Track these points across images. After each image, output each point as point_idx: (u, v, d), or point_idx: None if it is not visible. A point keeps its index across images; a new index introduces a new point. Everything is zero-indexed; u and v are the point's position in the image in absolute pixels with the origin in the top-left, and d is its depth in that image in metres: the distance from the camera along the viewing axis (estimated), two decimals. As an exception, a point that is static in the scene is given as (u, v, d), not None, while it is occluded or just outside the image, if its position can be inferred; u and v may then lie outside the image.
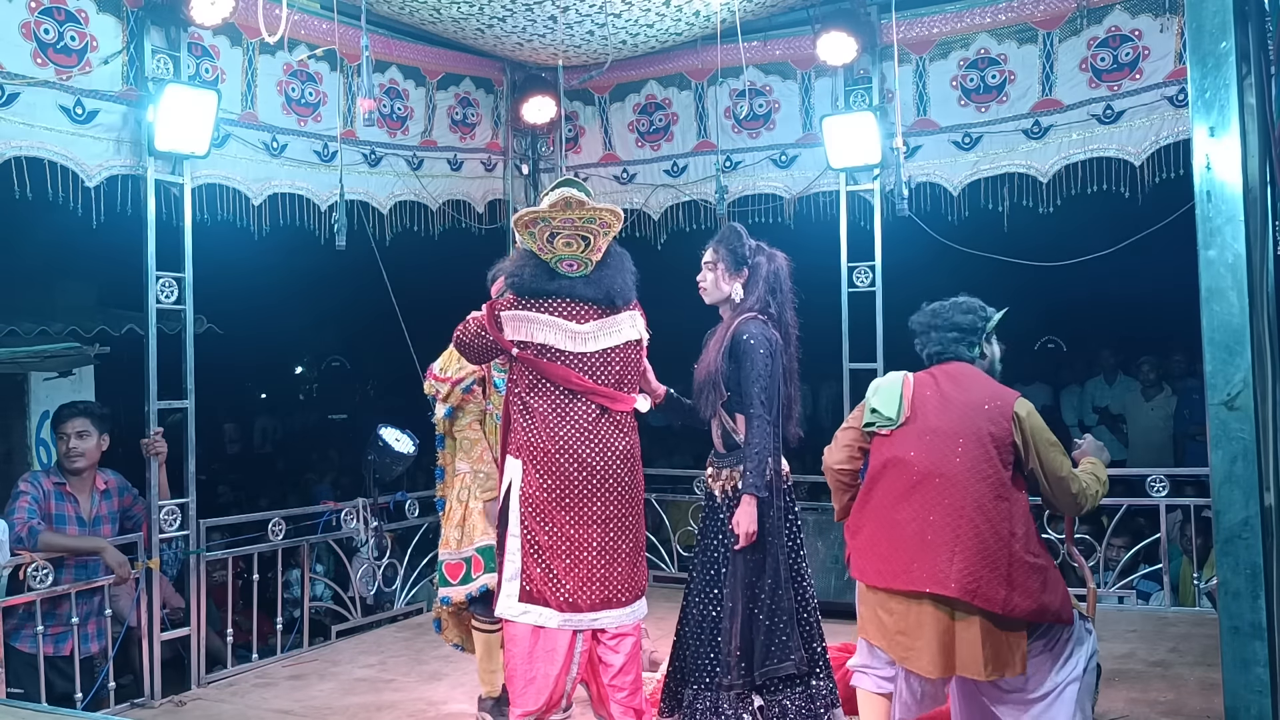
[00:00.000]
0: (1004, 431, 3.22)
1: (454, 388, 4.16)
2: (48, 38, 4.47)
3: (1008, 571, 3.13)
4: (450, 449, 4.32)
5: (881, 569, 3.29)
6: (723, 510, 3.62)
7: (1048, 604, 3.18)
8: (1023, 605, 3.14)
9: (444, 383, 4.18)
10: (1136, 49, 5.49)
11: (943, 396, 3.33)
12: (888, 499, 3.33)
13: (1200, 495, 5.77)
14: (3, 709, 2.44)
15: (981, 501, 3.18)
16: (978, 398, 3.29)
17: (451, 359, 4.19)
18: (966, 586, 3.13)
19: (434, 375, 4.22)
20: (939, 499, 3.22)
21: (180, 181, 4.96)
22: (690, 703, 3.61)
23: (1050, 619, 3.21)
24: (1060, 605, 3.21)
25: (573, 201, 3.45)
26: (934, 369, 3.45)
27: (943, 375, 3.41)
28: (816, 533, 5.83)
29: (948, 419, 3.28)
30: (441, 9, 5.55)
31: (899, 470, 3.32)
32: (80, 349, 6.58)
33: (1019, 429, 3.22)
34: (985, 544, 3.15)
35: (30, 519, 4.38)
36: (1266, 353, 1.95)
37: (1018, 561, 3.14)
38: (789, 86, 6.38)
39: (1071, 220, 6.07)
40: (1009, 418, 3.23)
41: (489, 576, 4.05)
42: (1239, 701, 1.81)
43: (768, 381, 3.53)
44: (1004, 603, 3.12)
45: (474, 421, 4.23)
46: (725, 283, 3.70)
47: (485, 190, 6.88)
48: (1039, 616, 3.18)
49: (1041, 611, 3.17)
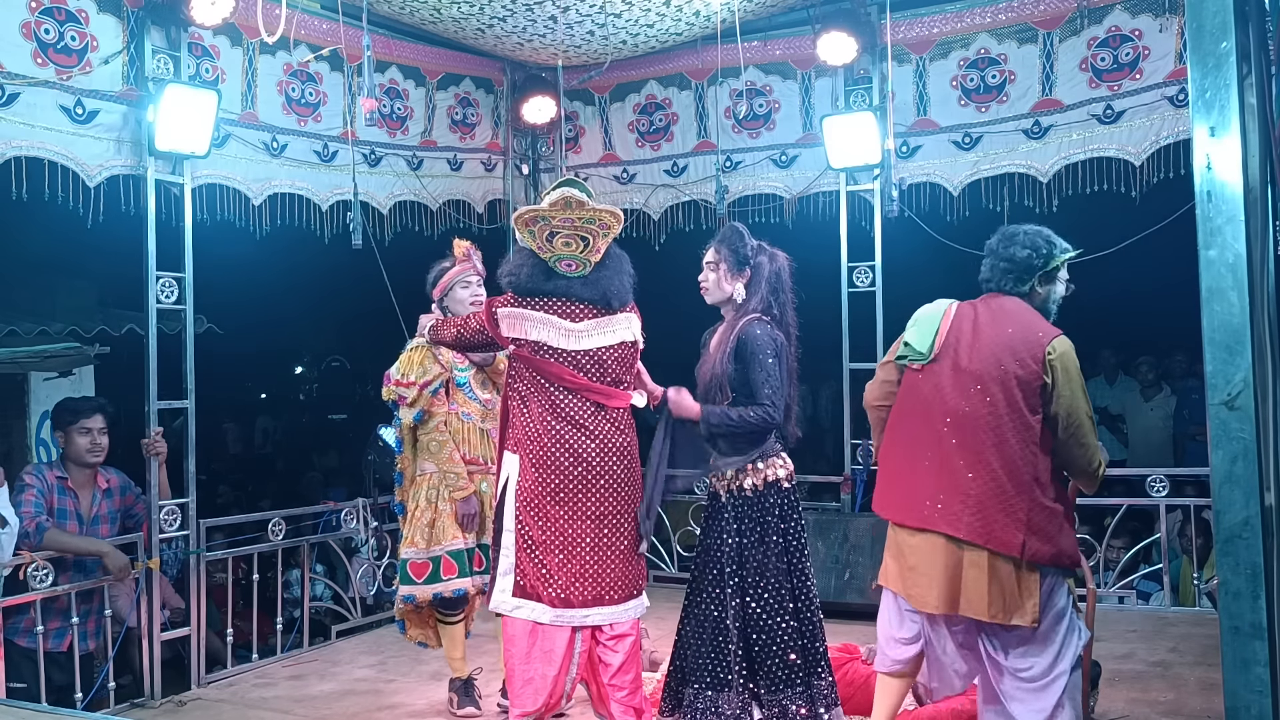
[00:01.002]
0: (1032, 374, 3.13)
1: (422, 391, 4.17)
2: (48, 38, 4.47)
3: (1026, 517, 3.10)
4: (410, 452, 4.33)
5: (900, 505, 3.31)
6: (726, 510, 3.62)
7: (1065, 549, 3.16)
8: (1042, 550, 3.11)
9: (409, 387, 4.17)
10: (1137, 49, 5.49)
11: (977, 332, 3.25)
12: (911, 435, 3.32)
13: (1200, 495, 5.76)
14: (3, 709, 2.44)
15: (1003, 445, 3.14)
16: (1012, 336, 3.20)
17: (412, 363, 4.20)
18: (978, 529, 3.12)
19: (394, 381, 4.21)
20: (961, 440, 3.19)
21: (180, 181, 4.96)
22: (690, 702, 3.61)
23: (1067, 563, 3.19)
24: (1074, 551, 3.21)
25: (572, 201, 3.46)
26: (979, 300, 3.37)
27: (984, 308, 3.33)
28: (816, 533, 5.83)
29: (977, 357, 3.22)
30: (442, 9, 5.55)
31: (925, 407, 3.29)
32: (80, 349, 6.58)
33: (1049, 369, 3.13)
34: (1003, 488, 3.13)
35: (38, 514, 4.38)
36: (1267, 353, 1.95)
37: (1038, 506, 3.11)
38: (789, 86, 6.38)
39: (1071, 220, 6.05)
40: (1039, 359, 3.13)
41: (462, 580, 4.14)
42: (1239, 701, 1.81)
43: (778, 384, 3.54)
44: (1020, 547, 3.10)
45: (441, 424, 4.23)
46: (727, 283, 3.69)
47: (485, 190, 6.88)
48: (1057, 560, 3.15)
49: (1059, 556, 3.15)
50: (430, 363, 4.19)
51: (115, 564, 4.53)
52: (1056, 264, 3.33)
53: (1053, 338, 3.19)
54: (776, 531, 3.58)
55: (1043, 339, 3.18)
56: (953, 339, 3.29)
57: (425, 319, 4.22)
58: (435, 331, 3.95)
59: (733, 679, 3.53)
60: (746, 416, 3.53)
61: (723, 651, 3.57)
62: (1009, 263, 3.32)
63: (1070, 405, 3.14)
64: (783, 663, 3.52)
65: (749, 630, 3.55)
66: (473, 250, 4.36)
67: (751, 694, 3.55)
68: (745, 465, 3.60)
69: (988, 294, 3.38)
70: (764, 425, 3.54)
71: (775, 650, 3.52)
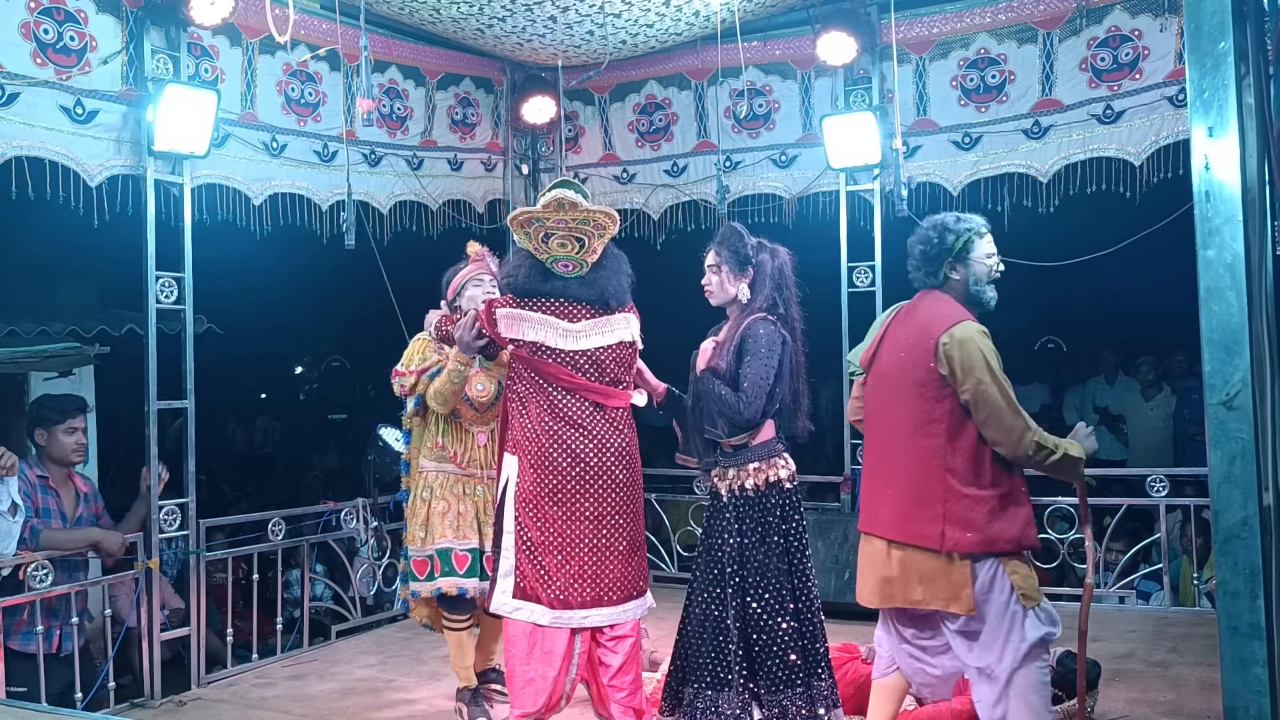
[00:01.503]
0: (925, 365, 3.14)
1: (420, 377, 4.19)
2: (47, 38, 4.47)
3: (943, 508, 3.12)
4: (418, 443, 4.36)
5: (862, 512, 3.44)
6: (728, 510, 3.62)
7: (998, 534, 3.10)
8: (962, 539, 3.10)
9: (409, 375, 4.22)
10: (1136, 49, 5.49)
11: (894, 336, 3.33)
12: (867, 446, 3.49)
13: (1200, 495, 5.76)
14: (3, 709, 2.44)
15: (915, 439, 3.18)
16: (912, 331, 3.24)
17: (413, 352, 4.26)
18: (895, 526, 3.20)
19: (398, 372, 4.27)
20: (880, 442, 3.34)
21: (180, 181, 4.96)
22: (690, 702, 3.61)
23: (1005, 548, 3.12)
24: (1020, 532, 3.13)
25: (566, 203, 3.46)
26: (910, 300, 3.42)
27: (906, 309, 3.39)
28: (817, 533, 5.82)
29: (893, 360, 3.30)
30: (441, 9, 5.55)
31: (869, 417, 3.44)
32: (80, 349, 6.58)
33: (943, 358, 3.11)
34: (918, 483, 3.16)
35: (30, 517, 4.36)
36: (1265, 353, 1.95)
37: (954, 495, 3.11)
38: (789, 86, 6.38)
39: (1071, 220, 6.07)
40: (930, 349, 3.14)
41: (445, 580, 4.13)
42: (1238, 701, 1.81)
43: (760, 382, 3.50)
44: (940, 539, 3.12)
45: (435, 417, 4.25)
46: (731, 284, 3.68)
47: (485, 190, 6.88)
48: (988, 547, 3.11)
49: (989, 542, 3.10)
50: (430, 351, 4.23)
51: (112, 545, 4.49)
52: (959, 246, 3.26)
53: (949, 326, 3.14)
54: (778, 532, 3.58)
55: (938, 328, 3.15)
56: (876, 347, 3.39)
57: (433, 315, 4.27)
58: (440, 328, 4.00)
59: (733, 679, 3.53)
60: (726, 396, 3.53)
61: (723, 651, 3.57)
62: (912, 259, 3.38)
63: (975, 390, 3.09)
64: (783, 663, 3.52)
65: (749, 630, 3.55)
66: (487, 253, 4.40)
67: (752, 694, 3.55)
68: (747, 465, 3.60)
69: (917, 293, 3.40)
70: (734, 412, 3.51)
71: (775, 650, 3.52)
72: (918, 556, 3.17)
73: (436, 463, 4.25)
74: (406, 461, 4.44)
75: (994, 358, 3.12)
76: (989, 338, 3.16)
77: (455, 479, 4.23)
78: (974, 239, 3.30)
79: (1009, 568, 3.14)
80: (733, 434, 3.59)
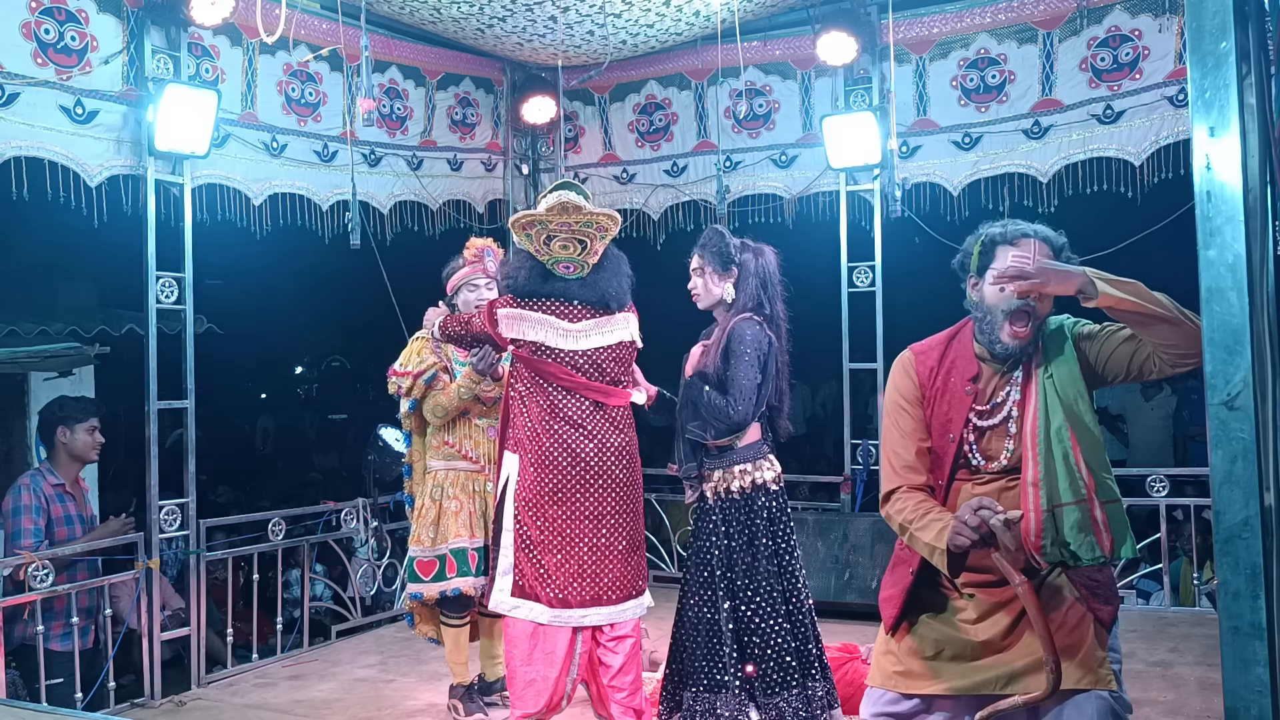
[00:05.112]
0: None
1: (416, 380, 4.19)
2: (48, 38, 4.47)
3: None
4: (419, 446, 4.36)
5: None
6: (714, 513, 3.61)
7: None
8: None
9: (405, 377, 4.21)
10: (1136, 49, 5.48)
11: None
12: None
13: (1200, 495, 5.76)
14: (3, 709, 2.44)
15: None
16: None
17: (410, 354, 4.25)
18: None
19: (395, 372, 4.26)
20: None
21: (180, 181, 4.96)
22: (689, 705, 3.61)
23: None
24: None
25: (569, 206, 3.46)
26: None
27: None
28: (816, 533, 5.83)
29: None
30: (441, 9, 5.55)
31: None
32: (80, 349, 6.59)
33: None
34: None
35: (38, 542, 4.33)
36: (1266, 353, 1.94)
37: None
38: (789, 86, 6.38)
39: (1071, 220, 6.04)
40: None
41: (462, 580, 4.11)
42: (1239, 702, 1.80)
43: (746, 385, 3.48)
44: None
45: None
46: (715, 285, 3.67)
47: (485, 190, 6.88)
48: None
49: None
50: (427, 353, 4.22)
51: (114, 528, 4.54)
52: (974, 263, 2.77)
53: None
54: (765, 534, 3.57)
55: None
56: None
57: (432, 313, 4.26)
58: (441, 329, 4.00)
59: (728, 680, 3.53)
60: (715, 400, 3.51)
61: (717, 654, 3.56)
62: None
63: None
64: (778, 665, 3.51)
65: (742, 633, 3.54)
66: (488, 249, 4.36)
67: (749, 695, 3.55)
68: (733, 467, 3.59)
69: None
70: (723, 415, 3.49)
71: (770, 653, 3.52)
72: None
73: (446, 461, 4.24)
74: (409, 465, 4.43)
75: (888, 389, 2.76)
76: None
77: (466, 476, 4.22)
78: (982, 248, 2.87)
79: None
80: (720, 436, 3.58)
